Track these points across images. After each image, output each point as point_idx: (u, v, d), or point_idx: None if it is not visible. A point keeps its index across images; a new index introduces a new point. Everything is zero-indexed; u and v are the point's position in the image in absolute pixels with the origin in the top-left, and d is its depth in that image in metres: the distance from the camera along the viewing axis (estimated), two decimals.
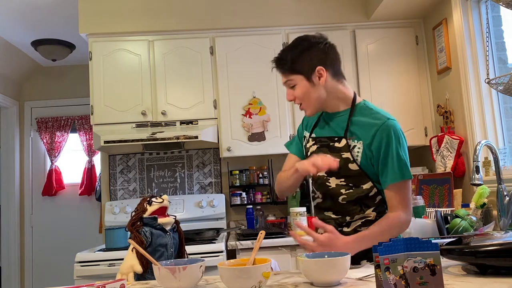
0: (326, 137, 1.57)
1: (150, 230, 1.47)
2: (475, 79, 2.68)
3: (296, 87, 1.55)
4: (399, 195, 1.46)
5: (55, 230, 4.53)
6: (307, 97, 1.54)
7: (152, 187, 3.47)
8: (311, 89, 1.53)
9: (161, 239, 1.48)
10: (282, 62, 1.56)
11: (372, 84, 3.23)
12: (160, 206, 1.52)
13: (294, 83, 1.55)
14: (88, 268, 2.58)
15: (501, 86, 1.99)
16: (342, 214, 1.56)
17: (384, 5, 3.02)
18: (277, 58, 1.59)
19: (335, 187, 1.55)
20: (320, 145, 1.59)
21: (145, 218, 1.50)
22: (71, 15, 3.50)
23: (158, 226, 1.51)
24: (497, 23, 2.69)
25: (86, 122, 4.61)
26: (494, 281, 1.07)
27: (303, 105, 1.58)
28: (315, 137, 1.63)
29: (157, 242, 1.48)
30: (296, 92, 1.55)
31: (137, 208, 1.54)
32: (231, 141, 3.13)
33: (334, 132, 1.56)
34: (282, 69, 1.56)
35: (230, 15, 3.26)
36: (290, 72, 1.54)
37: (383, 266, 0.95)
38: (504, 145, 2.62)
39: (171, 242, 1.53)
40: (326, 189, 1.58)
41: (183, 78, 3.18)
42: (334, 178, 1.54)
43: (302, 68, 1.52)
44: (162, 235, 1.50)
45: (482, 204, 2.38)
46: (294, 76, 1.54)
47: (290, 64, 1.54)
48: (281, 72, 1.58)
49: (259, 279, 1.10)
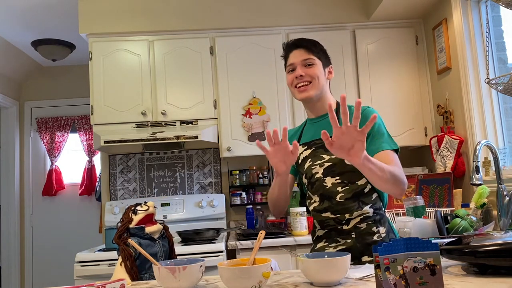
0: (319, 138, 1.61)
1: (138, 241, 1.42)
2: (475, 79, 2.68)
3: (314, 67, 1.63)
4: (396, 159, 1.51)
5: (55, 230, 4.54)
6: (319, 78, 1.63)
7: (152, 187, 3.47)
8: (322, 75, 1.65)
9: (150, 249, 1.43)
10: (313, 43, 1.66)
11: (372, 84, 3.23)
12: (146, 214, 1.47)
13: (314, 63, 1.63)
14: (88, 268, 2.58)
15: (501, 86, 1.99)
16: (341, 212, 1.57)
17: (384, 5, 3.02)
18: (308, 39, 1.68)
19: (332, 186, 1.58)
20: (315, 147, 1.64)
21: (132, 228, 1.45)
22: (71, 15, 3.50)
23: (145, 236, 1.46)
24: (497, 23, 2.69)
25: (86, 122, 4.61)
26: (494, 281, 1.07)
27: (310, 85, 1.62)
28: (308, 142, 1.68)
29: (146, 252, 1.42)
30: (312, 71, 1.62)
31: (122, 219, 1.48)
32: (231, 141, 3.13)
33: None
34: (311, 48, 1.64)
35: (230, 15, 3.26)
36: (315, 53, 1.64)
37: (383, 266, 0.95)
38: (504, 145, 2.62)
39: (161, 250, 1.48)
40: (323, 190, 1.60)
41: (183, 78, 3.18)
42: (329, 177, 1.58)
43: (324, 57, 1.67)
44: (151, 245, 1.45)
45: (482, 204, 2.38)
46: (316, 58, 1.63)
47: (320, 48, 1.66)
48: (306, 50, 1.64)
49: (259, 279, 1.10)
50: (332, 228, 1.59)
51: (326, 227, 1.61)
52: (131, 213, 1.48)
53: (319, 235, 1.65)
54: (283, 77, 3.19)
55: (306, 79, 1.62)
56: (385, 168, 1.38)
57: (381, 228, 1.56)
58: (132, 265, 1.40)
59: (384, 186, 1.41)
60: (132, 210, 1.49)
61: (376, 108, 3.17)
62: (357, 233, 1.55)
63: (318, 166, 1.61)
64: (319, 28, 3.28)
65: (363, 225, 1.56)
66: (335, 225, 1.58)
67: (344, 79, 3.21)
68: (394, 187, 1.42)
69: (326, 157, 1.59)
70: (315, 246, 1.67)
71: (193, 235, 2.84)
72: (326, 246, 1.60)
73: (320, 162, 1.61)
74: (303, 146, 1.68)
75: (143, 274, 1.43)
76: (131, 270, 1.39)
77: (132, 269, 1.39)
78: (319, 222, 1.64)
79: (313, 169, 1.62)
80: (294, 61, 1.64)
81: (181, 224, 3.25)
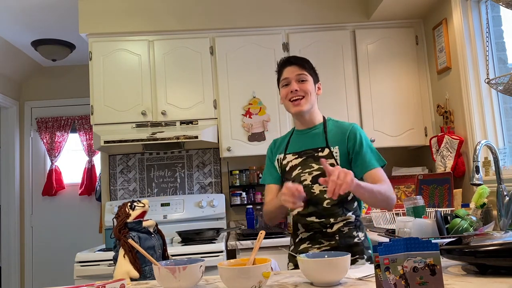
0: (311, 149, 1.75)
1: (137, 235, 1.49)
2: (475, 79, 2.68)
3: (307, 83, 1.76)
4: (384, 175, 1.67)
5: (55, 230, 4.53)
6: (311, 94, 1.76)
7: (152, 187, 3.47)
8: (313, 91, 1.79)
9: (148, 241, 1.51)
10: (305, 61, 1.79)
11: (372, 84, 3.23)
12: (142, 211, 1.54)
13: (307, 79, 1.76)
14: (88, 268, 2.58)
15: (501, 86, 1.99)
16: (326, 217, 1.69)
17: (384, 5, 3.02)
18: (301, 57, 1.82)
19: (319, 193, 1.69)
20: (306, 156, 1.75)
21: (130, 223, 1.51)
22: (71, 15, 3.50)
23: (143, 229, 1.52)
24: (497, 23, 2.69)
25: (86, 122, 4.61)
26: (494, 281, 1.07)
27: (303, 99, 1.74)
28: (298, 151, 1.79)
29: (145, 245, 1.49)
30: (305, 86, 1.75)
31: (118, 214, 1.54)
32: (231, 141, 3.13)
33: (314, 144, 1.76)
34: (304, 65, 1.77)
35: (230, 15, 3.26)
36: (308, 71, 1.77)
37: (383, 266, 0.95)
38: (504, 145, 2.62)
39: (158, 243, 1.55)
40: (310, 196, 1.69)
41: (183, 78, 3.18)
42: (317, 185, 1.69)
43: (314, 74, 1.81)
44: (148, 238, 1.52)
45: (482, 204, 2.38)
46: (308, 75, 1.76)
47: (310, 65, 1.80)
48: (300, 66, 1.76)
49: (259, 279, 1.10)
50: (317, 231, 1.70)
51: (310, 230, 1.71)
52: (127, 208, 1.53)
53: (302, 237, 1.74)
54: None
55: (300, 93, 1.74)
56: (374, 190, 1.55)
57: (360, 233, 1.72)
58: (135, 257, 1.44)
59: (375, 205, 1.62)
60: (130, 205, 1.53)
61: (376, 108, 3.19)
62: (341, 235, 1.68)
63: (307, 174, 1.71)
64: (319, 28, 3.28)
65: (345, 229, 1.69)
66: (320, 228, 1.69)
67: (344, 79, 3.21)
68: (384, 204, 1.65)
69: (315, 166, 1.71)
70: (297, 247, 1.74)
71: (193, 235, 2.84)
72: (310, 248, 1.70)
73: (309, 170, 1.71)
74: (293, 155, 1.79)
75: (143, 267, 1.46)
76: (135, 261, 1.44)
77: (135, 261, 1.43)
78: (303, 225, 1.74)
79: (302, 177, 1.72)
80: (289, 75, 1.75)
81: (181, 224, 3.25)
